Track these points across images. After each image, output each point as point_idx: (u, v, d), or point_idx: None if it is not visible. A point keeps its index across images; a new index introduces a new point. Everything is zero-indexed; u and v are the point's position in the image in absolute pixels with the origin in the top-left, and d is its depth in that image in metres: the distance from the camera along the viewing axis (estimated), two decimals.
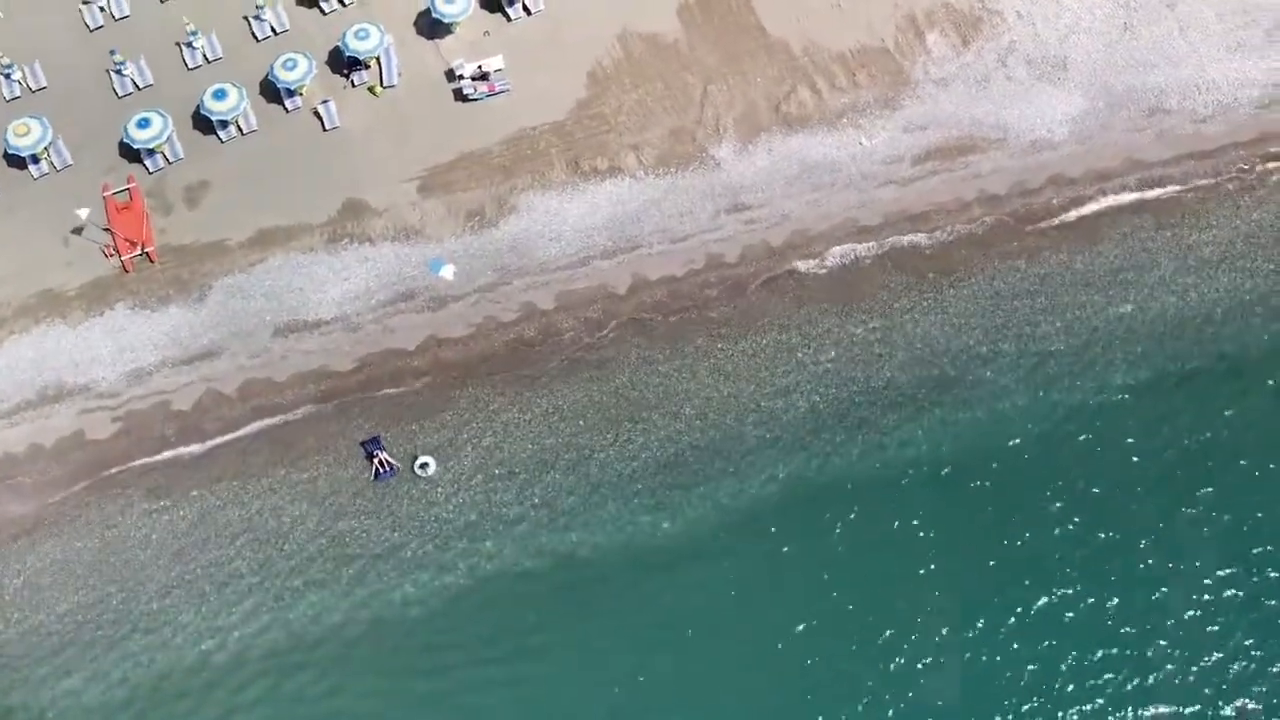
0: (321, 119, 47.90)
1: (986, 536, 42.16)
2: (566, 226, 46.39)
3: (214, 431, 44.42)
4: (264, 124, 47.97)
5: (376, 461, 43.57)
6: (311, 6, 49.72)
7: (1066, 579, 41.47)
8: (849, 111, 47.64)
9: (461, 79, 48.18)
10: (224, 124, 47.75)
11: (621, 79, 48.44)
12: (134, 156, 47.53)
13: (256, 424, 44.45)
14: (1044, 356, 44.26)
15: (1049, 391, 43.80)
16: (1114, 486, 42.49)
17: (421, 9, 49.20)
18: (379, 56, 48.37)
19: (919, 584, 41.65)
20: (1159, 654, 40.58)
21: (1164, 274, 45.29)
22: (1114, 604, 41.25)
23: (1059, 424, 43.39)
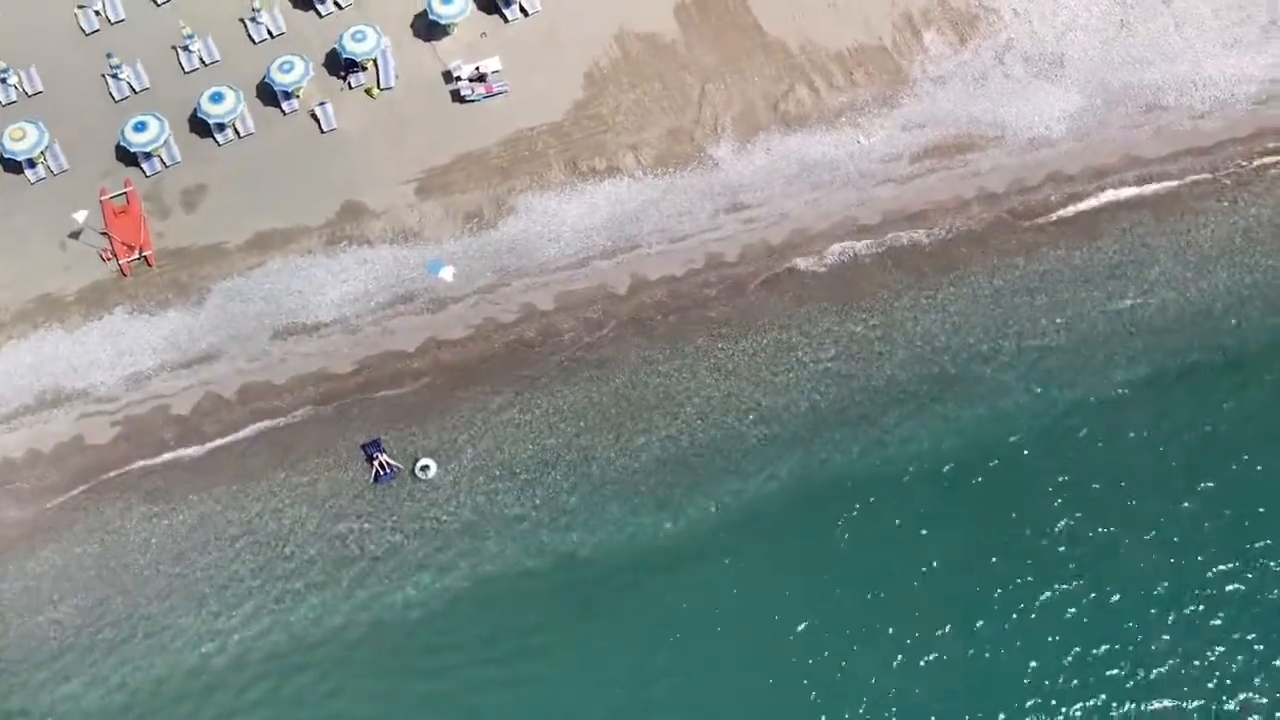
0: (319, 121, 47.86)
1: (987, 533, 42.12)
2: (565, 227, 46.34)
3: (213, 435, 44.29)
4: (261, 127, 47.92)
5: (377, 464, 43.47)
6: (308, 9, 49.69)
7: (1068, 574, 41.42)
8: (847, 110, 47.65)
9: (459, 80, 48.16)
10: (221, 127, 47.69)
11: (619, 79, 48.43)
12: (131, 160, 47.43)
13: (256, 427, 44.33)
14: (1044, 352, 44.27)
15: (1049, 387, 43.80)
16: (1114, 481, 42.49)
17: (418, 10, 49.20)
18: (376, 58, 48.35)
19: (920, 582, 41.58)
20: (1161, 649, 40.54)
21: (1163, 269, 45.33)
22: (1116, 599, 41.21)
23: (1059, 419, 43.40)
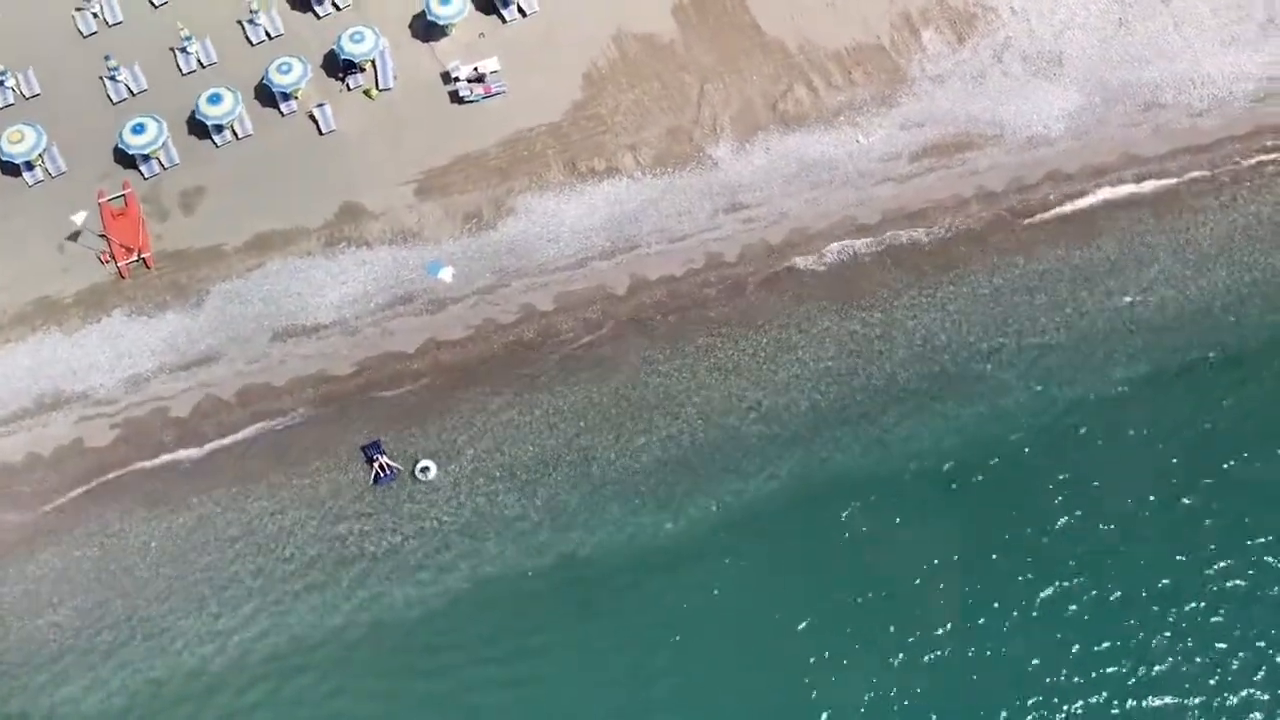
0: (317, 122, 47.80)
1: (988, 531, 42.10)
2: (564, 227, 46.30)
3: (212, 437, 44.21)
4: (259, 128, 47.86)
5: (377, 465, 43.39)
6: (306, 10, 49.63)
7: (1068, 572, 41.41)
8: (846, 109, 47.64)
9: (457, 81, 48.12)
10: (219, 129, 47.62)
11: (617, 79, 48.40)
12: (129, 162, 47.37)
13: (255, 429, 44.27)
14: (1043, 350, 44.25)
15: (1049, 385, 43.79)
16: (1114, 479, 42.46)
17: (416, 11, 49.14)
18: (374, 59, 48.31)
19: (921, 580, 41.56)
20: (1162, 645, 40.53)
21: (1162, 267, 45.33)
22: (1116, 597, 41.19)
23: (1059, 418, 43.39)
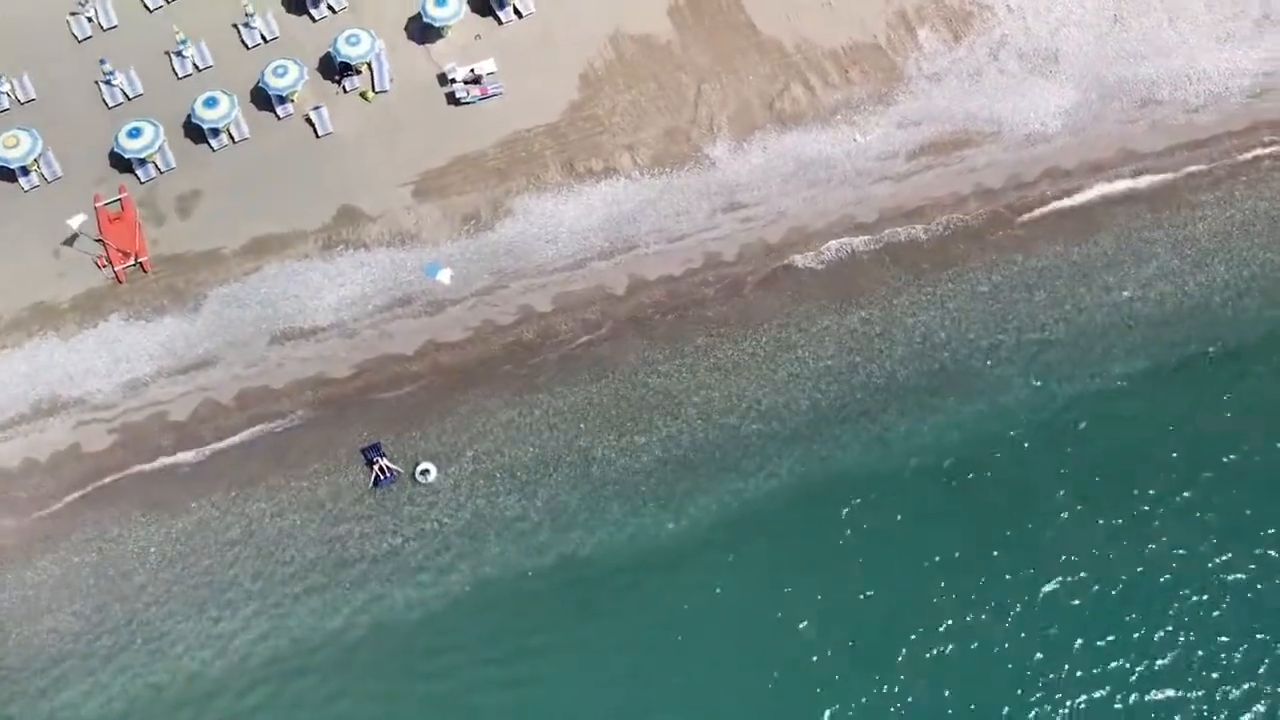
0: (314, 125, 47.72)
1: (989, 527, 42.11)
2: (563, 228, 46.23)
3: (211, 440, 44.06)
4: (256, 131, 47.76)
5: (377, 468, 43.25)
6: (301, 13, 49.60)
7: (1069, 567, 41.43)
8: (843, 108, 47.66)
9: (454, 83, 48.08)
10: (215, 132, 47.51)
11: (614, 80, 48.38)
12: (125, 166, 47.26)
13: (254, 432, 44.13)
14: (1043, 346, 44.29)
15: (1048, 381, 43.83)
16: (1115, 474, 42.54)
17: (412, 14, 49.14)
18: (370, 62, 48.27)
19: (922, 577, 41.54)
20: (1164, 639, 40.59)
21: (1160, 263, 45.41)
22: (1117, 591, 41.22)
23: (1059, 413, 43.43)
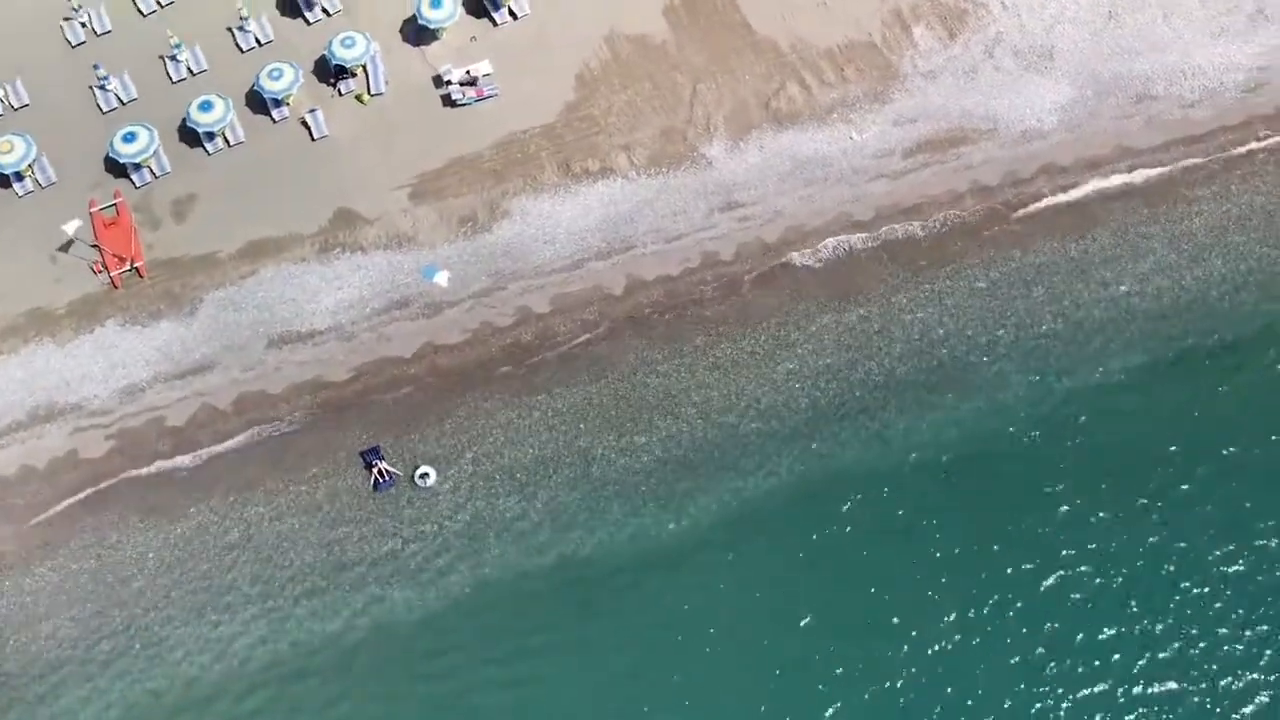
0: (309, 128, 47.60)
1: (989, 522, 42.13)
2: (560, 229, 46.16)
3: (209, 445, 43.91)
4: (251, 135, 47.63)
5: (375, 471, 43.13)
6: (296, 16, 49.46)
7: (1070, 561, 41.48)
8: (839, 107, 47.64)
9: (449, 84, 47.98)
10: (210, 136, 47.38)
11: (610, 80, 48.32)
12: (120, 171, 47.10)
13: (252, 437, 44.00)
14: (1040, 342, 44.33)
15: (1046, 376, 43.85)
16: (1113, 468, 42.56)
17: (407, 16, 49.03)
18: (365, 64, 48.16)
19: (923, 573, 41.56)
20: (1164, 631, 40.65)
21: (1157, 258, 45.44)
22: (1117, 584, 41.27)
23: (1057, 408, 43.46)
